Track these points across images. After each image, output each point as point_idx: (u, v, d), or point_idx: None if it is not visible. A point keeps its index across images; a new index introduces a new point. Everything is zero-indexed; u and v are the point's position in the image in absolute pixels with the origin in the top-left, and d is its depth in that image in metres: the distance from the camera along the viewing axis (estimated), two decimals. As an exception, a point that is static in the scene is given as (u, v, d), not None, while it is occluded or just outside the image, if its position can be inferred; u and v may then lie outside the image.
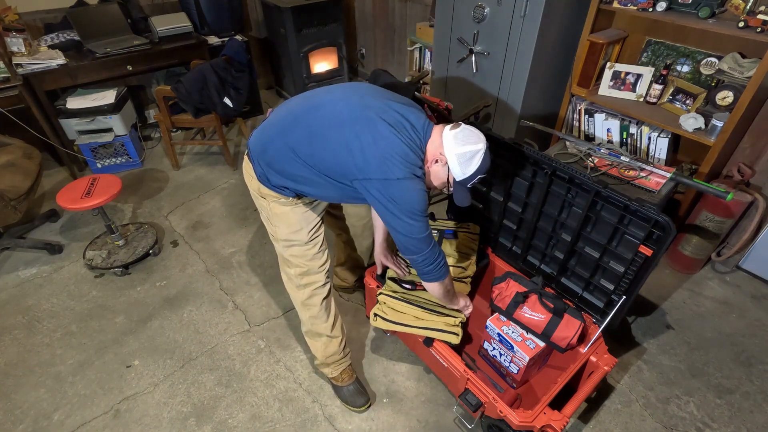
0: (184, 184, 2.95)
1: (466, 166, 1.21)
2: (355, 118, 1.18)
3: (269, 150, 1.27)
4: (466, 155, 1.20)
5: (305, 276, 1.48)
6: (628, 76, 2.17)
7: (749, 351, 1.87)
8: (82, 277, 2.27)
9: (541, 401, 1.36)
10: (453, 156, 1.20)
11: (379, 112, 1.18)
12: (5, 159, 2.22)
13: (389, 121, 1.17)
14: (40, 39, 2.88)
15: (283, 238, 1.42)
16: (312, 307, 1.53)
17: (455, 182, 1.25)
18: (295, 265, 1.46)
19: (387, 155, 1.14)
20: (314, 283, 1.49)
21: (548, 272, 1.76)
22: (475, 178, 1.23)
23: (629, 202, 1.35)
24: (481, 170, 1.23)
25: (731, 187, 1.99)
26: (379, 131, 1.15)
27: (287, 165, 1.24)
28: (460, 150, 1.19)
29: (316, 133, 1.20)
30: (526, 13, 2.04)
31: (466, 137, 1.21)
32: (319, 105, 1.23)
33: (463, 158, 1.20)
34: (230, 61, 2.76)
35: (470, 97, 2.53)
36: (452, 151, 1.20)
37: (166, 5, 3.35)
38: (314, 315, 1.54)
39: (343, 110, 1.20)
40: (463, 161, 1.20)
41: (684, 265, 2.21)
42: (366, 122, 1.17)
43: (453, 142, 1.20)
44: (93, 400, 1.73)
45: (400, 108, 1.22)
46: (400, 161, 1.15)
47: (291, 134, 1.23)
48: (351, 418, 1.66)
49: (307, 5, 3.32)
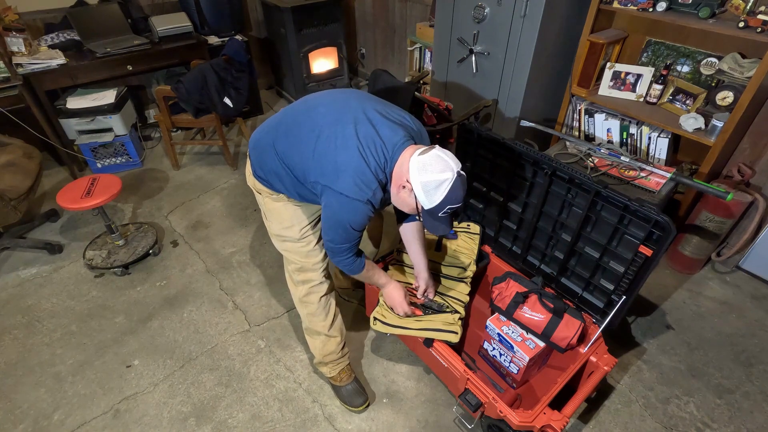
0: (184, 184, 2.95)
1: (431, 195, 1.13)
2: (330, 123, 1.20)
3: (259, 144, 1.34)
4: (431, 184, 1.12)
5: (301, 272, 1.50)
6: (628, 76, 2.17)
7: (749, 351, 1.87)
8: (82, 277, 2.27)
9: (541, 401, 1.36)
10: (417, 184, 1.13)
11: (355, 121, 1.18)
12: (5, 159, 2.22)
13: (359, 134, 1.16)
14: (40, 39, 2.87)
15: (276, 233, 1.47)
16: (309, 305, 1.54)
17: (423, 211, 1.18)
18: (291, 261, 1.50)
19: (342, 167, 1.14)
20: (311, 280, 1.51)
21: (548, 272, 1.76)
22: (444, 208, 1.14)
23: (629, 202, 1.35)
24: (449, 200, 1.13)
25: (731, 187, 1.99)
26: (345, 141, 1.15)
27: (268, 159, 1.30)
28: (425, 178, 1.12)
29: (295, 132, 1.24)
30: (526, 13, 2.04)
31: (433, 164, 1.12)
32: (312, 107, 1.27)
33: (428, 187, 1.12)
34: (230, 61, 2.75)
35: (470, 97, 2.53)
36: (417, 178, 1.13)
37: (166, 5, 3.35)
38: (312, 312, 1.56)
39: (326, 114, 1.22)
40: (428, 190, 1.13)
41: (684, 265, 2.21)
42: (337, 129, 1.18)
43: (417, 170, 1.13)
44: (93, 400, 1.73)
45: (379, 121, 1.19)
46: (351, 177, 1.14)
47: (277, 131, 1.29)
48: (351, 418, 1.66)
49: (307, 5, 3.32)
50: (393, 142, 1.18)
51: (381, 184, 1.18)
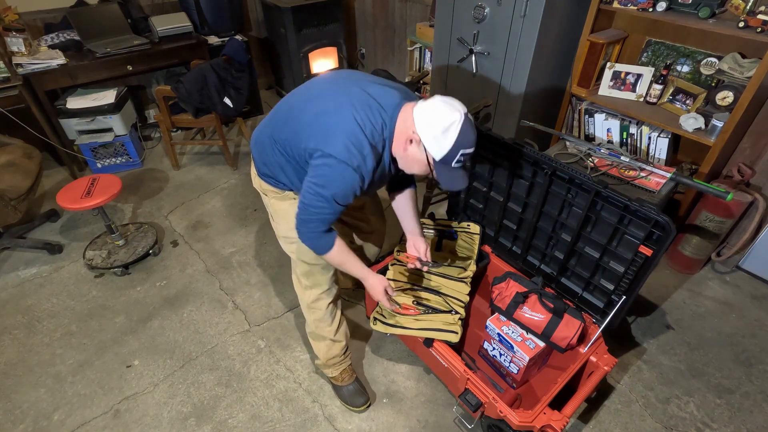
0: (184, 184, 2.95)
1: (442, 141, 1.06)
2: (323, 95, 1.17)
3: (259, 140, 1.32)
4: (439, 128, 1.06)
5: (310, 276, 1.48)
6: (628, 76, 2.17)
7: (749, 351, 1.87)
8: (82, 277, 2.27)
9: (541, 401, 1.36)
10: (425, 131, 1.07)
11: (349, 91, 1.14)
12: (5, 159, 2.22)
13: (354, 100, 1.12)
14: (40, 39, 2.88)
15: (284, 234, 1.44)
16: (317, 311, 1.53)
17: (436, 163, 1.11)
18: (299, 264, 1.47)
19: (333, 130, 1.09)
20: (320, 285, 1.49)
21: (548, 272, 1.76)
22: (456, 154, 1.07)
23: (629, 202, 1.35)
24: (461, 144, 1.07)
25: (731, 187, 1.99)
26: (339, 107, 1.11)
27: (269, 152, 1.28)
28: (433, 122, 1.06)
29: (289, 117, 1.21)
30: (526, 13, 2.04)
31: (438, 107, 1.07)
32: (304, 90, 1.25)
33: (437, 131, 1.06)
34: (230, 61, 2.75)
35: (470, 97, 2.53)
36: (423, 125, 1.07)
37: (166, 5, 3.35)
38: (319, 318, 1.55)
39: (319, 91, 1.20)
40: (437, 135, 1.06)
41: (684, 265, 2.21)
42: (330, 99, 1.14)
43: (423, 117, 1.07)
44: (93, 400, 1.73)
45: (374, 87, 1.16)
46: (342, 139, 1.08)
47: (273, 122, 1.27)
48: (351, 418, 1.66)
49: (307, 5, 3.32)
50: (390, 103, 1.14)
51: (375, 151, 1.12)
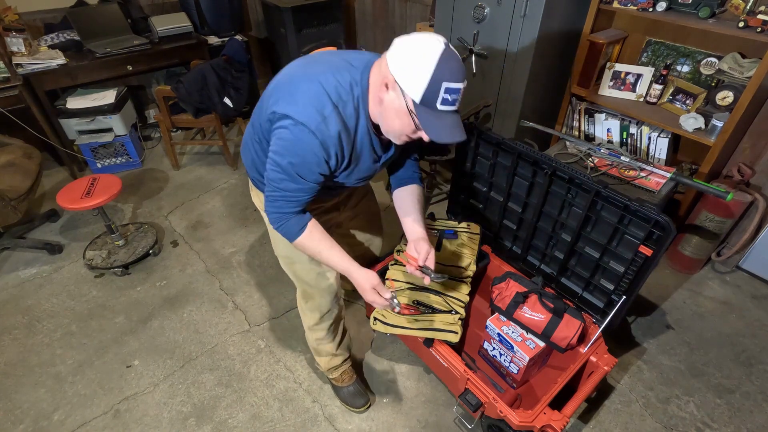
0: (184, 184, 2.95)
1: (418, 74, 0.86)
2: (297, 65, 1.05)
3: (245, 144, 1.21)
4: (414, 56, 0.87)
5: (309, 299, 1.43)
6: (628, 76, 2.17)
7: (749, 351, 1.87)
8: (82, 277, 2.27)
9: (541, 401, 1.36)
10: (399, 65, 0.88)
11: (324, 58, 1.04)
12: (5, 159, 2.22)
13: (324, 65, 1.00)
14: (40, 39, 2.88)
15: (282, 254, 1.36)
16: (318, 332, 1.52)
17: (417, 107, 0.90)
18: (297, 285, 1.42)
19: (294, 90, 0.97)
20: (319, 308, 1.44)
21: (548, 272, 1.76)
22: (439, 89, 0.87)
23: (629, 202, 1.35)
24: (443, 74, 0.86)
25: (731, 187, 1.99)
26: (306, 74, 0.99)
27: (253, 152, 1.17)
28: (407, 52, 0.88)
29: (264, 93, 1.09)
30: (526, 13, 2.04)
31: (415, 36, 0.90)
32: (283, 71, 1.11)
33: (412, 61, 0.87)
34: (230, 61, 2.75)
35: (470, 97, 2.53)
36: (397, 59, 0.89)
37: (166, 5, 3.35)
38: (320, 338, 1.54)
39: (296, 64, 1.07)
40: (412, 67, 0.87)
41: (684, 265, 2.21)
42: (301, 66, 1.03)
43: (398, 49, 0.90)
44: (93, 400, 1.73)
45: (352, 54, 1.04)
46: (301, 98, 0.95)
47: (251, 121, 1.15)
48: (351, 418, 1.66)
49: (307, 5, 3.32)
50: (362, 60, 1.00)
51: (339, 113, 0.96)
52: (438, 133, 0.92)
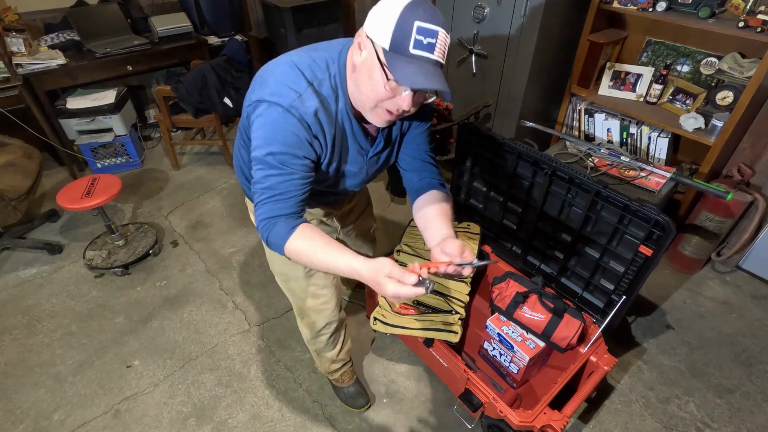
0: (184, 184, 2.95)
1: (386, 16, 0.80)
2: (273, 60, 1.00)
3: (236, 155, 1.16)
4: (383, 4, 0.82)
5: (304, 316, 1.42)
6: (628, 76, 2.17)
7: (749, 351, 1.87)
8: (82, 277, 2.27)
9: (541, 401, 1.36)
10: (369, 22, 0.84)
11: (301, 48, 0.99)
12: (5, 159, 2.22)
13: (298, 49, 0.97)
14: (40, 39, 2.87)
15: (279, 270, 1.34)
16: (317, 344, 1.52)
17: (388, 56, 0.81)
18: (293, 301, 1.40)
19: (269, 76, 0.92)
20: (314, 324, 1.42)
21: (548, 272, 1.76)
22: (410, 29, 0.78)
23: (629, 202, 1.35)
24: (414, 13, 0.78)
25: (731, 187, 1.99)
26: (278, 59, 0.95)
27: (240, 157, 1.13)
28: (378, 6, 0.83)
29: None
30: (526, 13, 2.04)
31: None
32: None
33: (381, 8, 0.82)
34: (230, 61, 2.76)
35: (470, 97, 2.53)
36: (369, 17, 0.85)
37: (166, 5, 3.35)
38: (319, 349, 1.53)
39: None
40: (381, 13, 0.81)
41: (684, 265, 2.21)
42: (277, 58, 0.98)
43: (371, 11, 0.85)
44: (93, 400, 1.73)
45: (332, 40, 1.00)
46: (275, 81, 0.90)
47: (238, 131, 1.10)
48: (351, 418, 1.66)
49: (307, 5, 3.32)
50: (341, 42, 0.96)
51: (315, 89, 0.90)
52: (410, 77, 0.80)
